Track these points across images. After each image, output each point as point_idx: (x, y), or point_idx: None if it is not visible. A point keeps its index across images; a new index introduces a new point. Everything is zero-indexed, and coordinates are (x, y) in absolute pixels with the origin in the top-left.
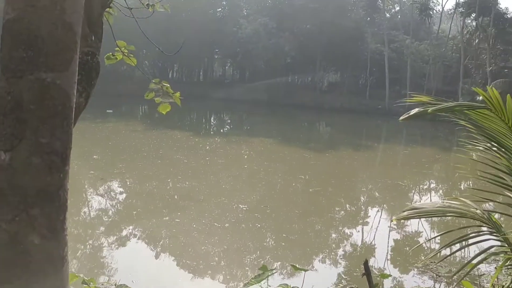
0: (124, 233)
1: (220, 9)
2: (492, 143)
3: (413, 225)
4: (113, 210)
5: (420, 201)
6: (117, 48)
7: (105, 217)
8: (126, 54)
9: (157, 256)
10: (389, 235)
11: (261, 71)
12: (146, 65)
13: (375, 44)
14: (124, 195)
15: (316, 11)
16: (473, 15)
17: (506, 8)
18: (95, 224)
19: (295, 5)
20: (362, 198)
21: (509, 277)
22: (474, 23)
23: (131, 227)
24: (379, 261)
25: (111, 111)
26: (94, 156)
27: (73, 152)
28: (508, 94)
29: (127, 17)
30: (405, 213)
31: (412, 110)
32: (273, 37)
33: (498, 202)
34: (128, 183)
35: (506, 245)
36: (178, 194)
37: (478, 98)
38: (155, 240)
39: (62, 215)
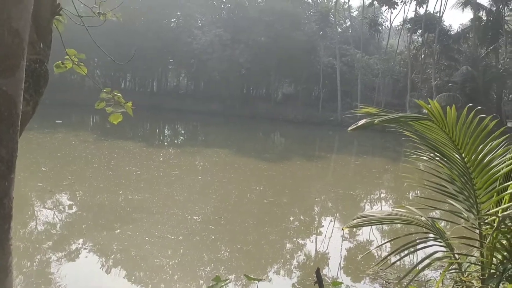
0: (74, 247)
1: (174, 19)
2: (435, 153)
3: (364, 233)
4: (62, 223)
5: (371, 210)
6: (66, 57)
7: (53, 230)
8: (76, 63)
9: (108, 271)
10: (341, 244)
11: (216, 82)
12: (98, 74)
13: (327, 58)
14: (73, 208)
15: (270, 24)
16: (419, 31)
17: (450, 26)
18: (43, 238)
19: (250, 18)
20: (315, 208)
21: (453, 281)
22: (420, 39)
23: (81, 241)
24: (332, 269)
25: (61, 121)
26: (42, 168)
27: (19, 164)
28: (448, 106)
29: (78, 25)
30: (355, 221)
31: (360, 121)
32: (227, 49)
33: (444, 210)
34: (78, 195)
35: (449, 251)
36: (130, 206)
37: (423, 110)
38: (106, 254)
39: (7, 224)
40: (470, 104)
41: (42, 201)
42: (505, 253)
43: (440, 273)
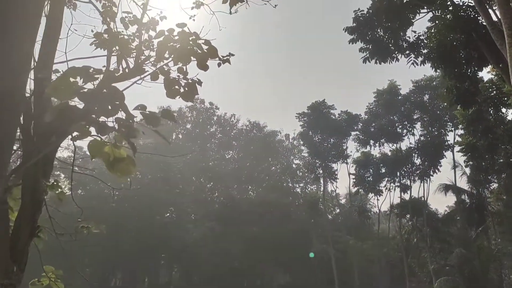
0: None
1: (168, 214)
2: None
3: None
4: None
5: None
6: (43, 274)
7: None
8: (53, 280)
9: None
10: None
11: (209, 275)
12: (87, 272)
13: (320, 245)
14: None
15: (262, 215)
16: (408, 215)
17: (436, 209)
18: None
19: (242, 210)
20: None
21: None
22: (410, 223)
23: None
24: None
25: None
26: None
27: None
28: None
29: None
30: None
31: None
32: (220, 241)
33: None
34: None
35: None
36: None
37: None
38: None
39: None
40: None
41: None
42: None
43: None
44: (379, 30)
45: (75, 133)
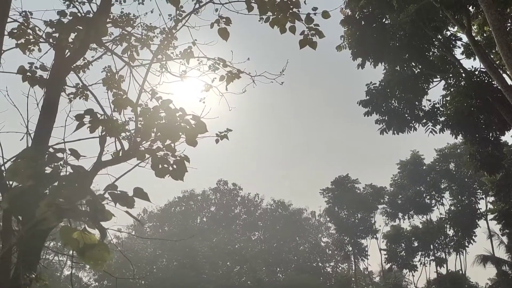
0: None
1: None
2: None
3: None
4: None
5: None
6: None
7: None
8: None
9: None
10: None
11: None
12: None
13: None
14: None
15: None
16: None
17: (477, 283)
18: None
19: None
20: None
21: None
22: None
23: None
24: None
25: None
26: None
27: None
28: None
29: None
30: None
31: None
32: None
33: None
34: None
35: None
36: None
37: None
38: None
39: None
40: None
41: None
42: None
43: None
44: (393, 101)
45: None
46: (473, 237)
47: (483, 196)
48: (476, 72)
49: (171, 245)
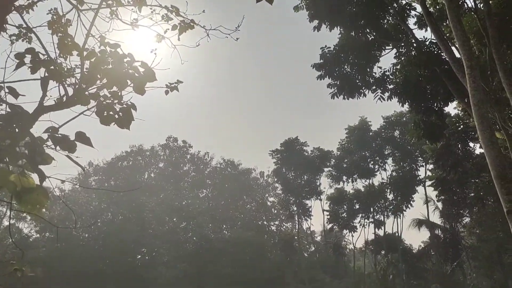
0: None
1: (139, 256)
2: None
3: None
4: None
5: None
6: None
7: None
8: None
9: None
10: None
11: None
12: None
13: (296, 284)
14: None
15: (236, 254)
16: (383, 251)
17: (411, 245)
18: None
19: (216, 250)
20: None
21: None
22: (385, 259)
23: None
24: None
25: None
26: None
27: None
28: None
29: None
30: None
31: None
32: (194, 282)
33: None
34: None
35: None
36: None
37: None
38: None
39: None
40: None
41: None
42: None
43: None
44: (346, 66)
45: None
46: (411, 202)
47: (423, 163)
48: (427, 43)
49: (116, 199)
